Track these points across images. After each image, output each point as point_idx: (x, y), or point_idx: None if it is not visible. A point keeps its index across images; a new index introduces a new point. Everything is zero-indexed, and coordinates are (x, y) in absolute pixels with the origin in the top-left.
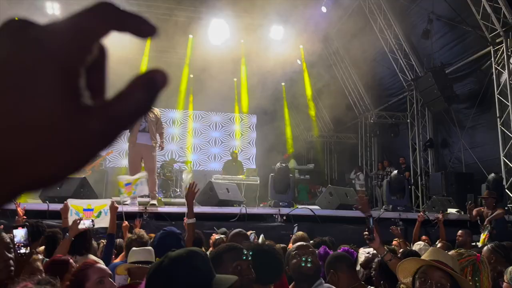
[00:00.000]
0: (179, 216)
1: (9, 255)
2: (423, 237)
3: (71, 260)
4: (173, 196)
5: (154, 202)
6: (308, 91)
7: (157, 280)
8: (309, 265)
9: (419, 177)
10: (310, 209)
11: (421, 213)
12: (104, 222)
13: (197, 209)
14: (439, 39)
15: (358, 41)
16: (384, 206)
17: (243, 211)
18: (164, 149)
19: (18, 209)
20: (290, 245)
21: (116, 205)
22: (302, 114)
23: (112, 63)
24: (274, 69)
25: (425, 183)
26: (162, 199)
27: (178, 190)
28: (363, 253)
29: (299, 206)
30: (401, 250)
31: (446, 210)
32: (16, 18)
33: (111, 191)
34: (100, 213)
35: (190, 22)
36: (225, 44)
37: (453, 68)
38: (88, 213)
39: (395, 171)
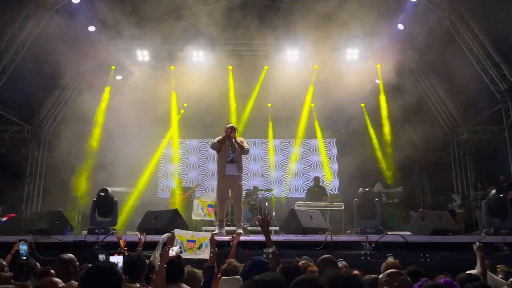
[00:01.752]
0: (265, 245)
1: None
2: None
3: None
4: (258, 224)
5: (240, 231)
6: (384, 111)
7: None
8: None
9: None
10: (401, 236)
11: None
12: (204, 254)
13: (281, 237)
14: None
15: (441, 55)
16: (484, 230)
17: (329, 238)
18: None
19: (121, 241)
20: None
21: (215, 238)
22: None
23: (208, 99)
24: (352, 91)
25: None
26: (248, 227)
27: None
28: None
29: (389, 233)
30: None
31: None
32: None
33: (200, 221)
34: (201, 245)
35: (266, 54)
36: (300, 71)
37: None
38: (191, 244)
39: (493, 191)
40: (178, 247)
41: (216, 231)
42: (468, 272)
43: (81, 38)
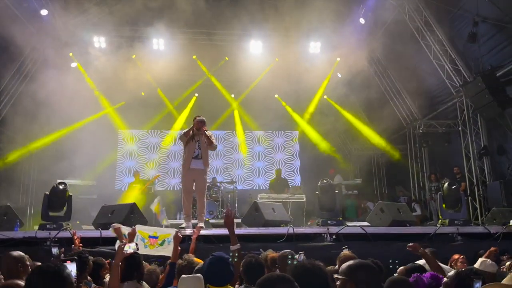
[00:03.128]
0: (227, 238)
1: None
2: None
3: None
4: (220, 217)
5: (202, 224)
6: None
7: None
8: None
9: (475, 187)
10: (361, 227)
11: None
12: (166, 250)
13: (243, 230)
14: (486, 42)
15: (400, 50)
16: (440, 221)
17: (290, 231)
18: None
19: (75, 237)
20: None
21: (180, 235)
22: (346, 127)
23: (168, 83)
24: (314, 83)
25: (483, 194)
26: (210, 220)
27: (225, 211)
28: None
29: (349, 224)
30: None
31: (509, 222)
32: None
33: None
34: (164, 241)
35: (229, 45)
36: (264, 62)
37: (504, 71)
38: (152, 240)
39: (446, 183)
40: (135, 244)
41: (183, 225)
42: (415, 262)
43: (32, 22)
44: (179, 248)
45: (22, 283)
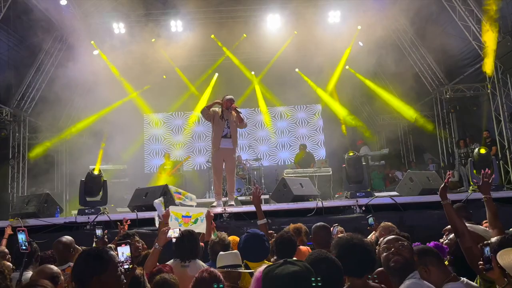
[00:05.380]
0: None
1: (121, 269)
2: None
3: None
4: (248, 194)
5: (232, 202)
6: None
7: None
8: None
9: (507, 151)
10: (391, 197)
11: None
12: (200, 229)
13: (273, 206)
14: None
15: (422, 13)
16: (471, 187)
17: (319, 205)
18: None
19: (124, 219)
20: (373, 237)
21: (212, 214)
22: (369, 97)
23: (188, 64)
24: (335, 54)
25: None
26: (238, 198)
27: (252, 187)
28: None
29: (377, 194)
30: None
31: None
32: None
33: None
34: (196, 220)
35: (246, 22)
36: (283, 37)
37: None
38: (186, 219)
39: (477, 149)
40: (178, 229)
41: (214, 203)
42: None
43: (52, 12)
44: (214, 224)
45: (54, 267)
